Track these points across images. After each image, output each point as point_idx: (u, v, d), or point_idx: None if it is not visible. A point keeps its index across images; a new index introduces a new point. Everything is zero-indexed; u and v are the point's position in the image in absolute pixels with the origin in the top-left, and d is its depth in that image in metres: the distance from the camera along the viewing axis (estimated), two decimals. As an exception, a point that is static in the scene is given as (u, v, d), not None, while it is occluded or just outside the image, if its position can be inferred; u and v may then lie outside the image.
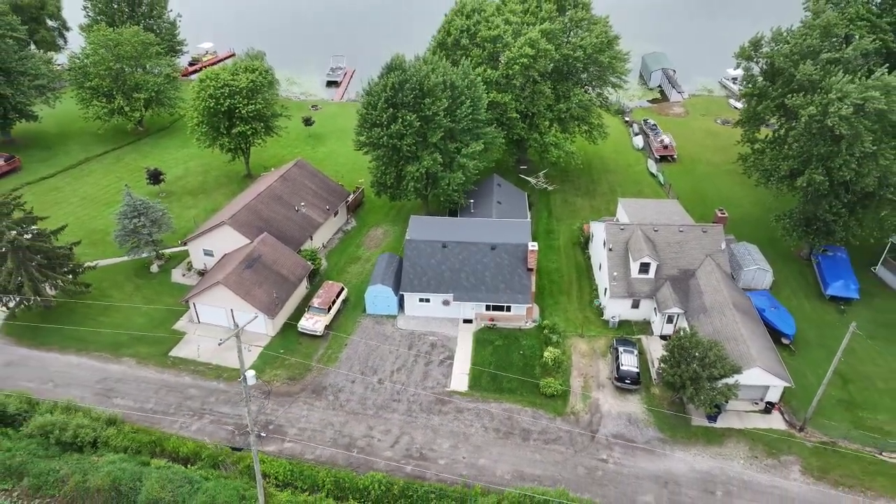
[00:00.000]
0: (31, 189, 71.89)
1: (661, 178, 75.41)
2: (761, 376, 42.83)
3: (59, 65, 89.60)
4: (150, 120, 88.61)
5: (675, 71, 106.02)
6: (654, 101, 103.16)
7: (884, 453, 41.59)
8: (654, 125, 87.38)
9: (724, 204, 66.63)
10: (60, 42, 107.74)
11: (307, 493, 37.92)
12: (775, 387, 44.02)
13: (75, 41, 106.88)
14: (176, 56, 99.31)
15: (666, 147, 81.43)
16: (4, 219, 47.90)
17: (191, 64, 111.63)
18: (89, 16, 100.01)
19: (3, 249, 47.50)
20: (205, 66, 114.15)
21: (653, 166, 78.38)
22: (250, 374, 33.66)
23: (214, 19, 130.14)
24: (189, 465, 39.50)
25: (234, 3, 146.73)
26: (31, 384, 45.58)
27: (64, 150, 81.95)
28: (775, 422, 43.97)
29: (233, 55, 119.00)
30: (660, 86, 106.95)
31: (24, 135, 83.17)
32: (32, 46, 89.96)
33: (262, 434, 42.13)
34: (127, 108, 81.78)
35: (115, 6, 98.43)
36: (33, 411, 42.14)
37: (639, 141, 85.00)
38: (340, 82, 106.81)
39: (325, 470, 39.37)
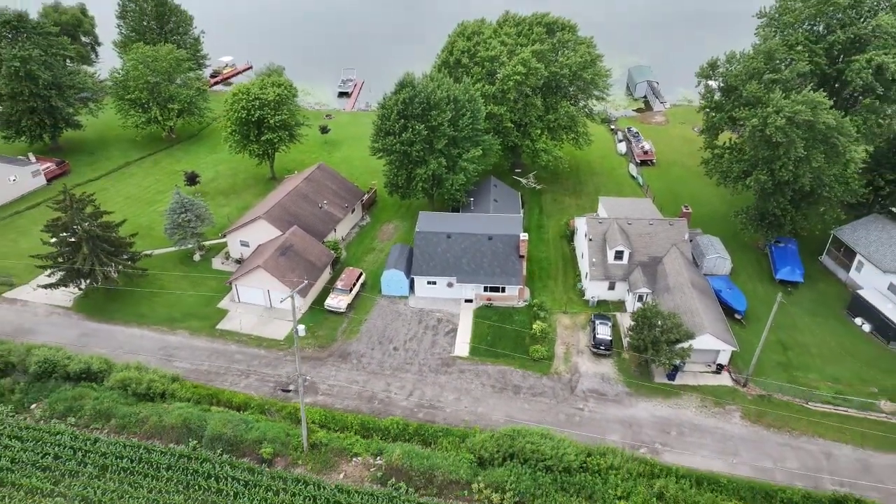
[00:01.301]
0: (80, 190, 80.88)
1: (641, 180, 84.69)
2: (712, 342, 51.84)
3: (100, 78, 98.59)
4: (180, 128, 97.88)
5: (658, 83, 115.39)
6: (638, 110, 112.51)
7: (809, 403, 50.62)
8: (637, 133, 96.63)
9: (693, 202, 75.84)
10: (92, 56, 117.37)
11: (339, 432, 46.88)
12: (724, 351, 53.05)
13: (106, 55, 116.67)
14: (200, 69, 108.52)
15: (646, 153, 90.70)
16: (81, 213, 57.05)
17: (212, 76, 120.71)
18: (122, 33, 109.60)
19: (80, 238, 56.61)
20: (225, 78, 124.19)
21: (633, 169, 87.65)
22: (301, 327, 42.43)
23: (233, 34, 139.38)
24: (241, 412, 48.47)
25: (250, 19, 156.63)
26: (104, 350, 54.56)
27: (105, 156, 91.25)
28: (724, 380, 52.99)
29: (250, 68, 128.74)
30: (644, 96, 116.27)
31: (69, 141, 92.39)
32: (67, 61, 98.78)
33: (308, 378, 51.11)
34: (161, 118, 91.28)
35: (146, 24, 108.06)
36: (111, 370, 51.09)
37: (622, 147, 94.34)
38: (351, 93, 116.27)
39: (352, 415, 48.41)
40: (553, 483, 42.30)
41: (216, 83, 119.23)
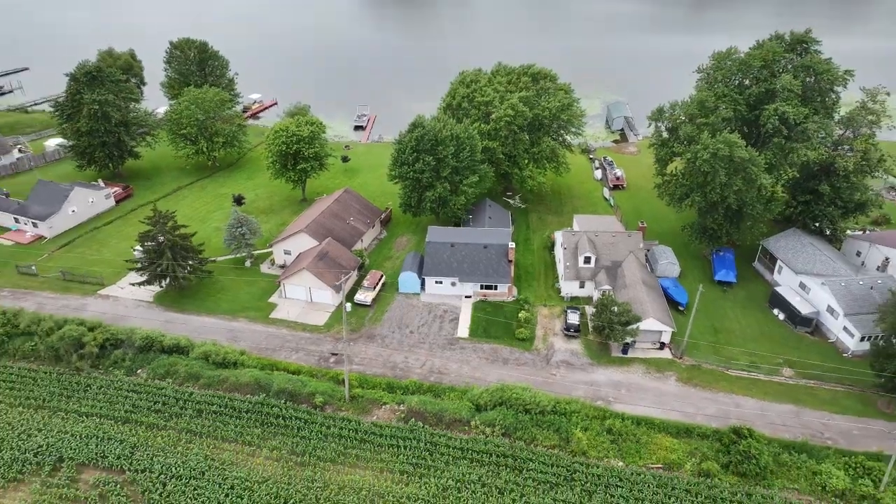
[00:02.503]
0: (145, 210, 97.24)
1: (612, 202, 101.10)
2: (655, 324, 67.50)
3: (156, 116, 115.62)
4: (222, 157, 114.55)
5: (632, 117, 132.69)
6: (615, 141, 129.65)
7: (729, 370, 66.16)
8: (611, 161, 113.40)
9: (653, 219, 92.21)
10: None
11: (371, 389, 62.28)
12: (665, 332, 68.68)
13: (149, 94, 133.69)
14: (234, 105, 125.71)
15: (618, 178, 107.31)
16: (165, 226, 73.12)
17: (243, 111, 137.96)
18: (168, 76, 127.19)
19: (164, 245, 72.59)
20: (254, 113, 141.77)
21: (607, 193, 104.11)
22: (347, 305, 58.04)
23: (260, 74, 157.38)
24: (296, 375, 63.86)
25: (274, 60, 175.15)
26: (183, 333, 70.07)
27: (160, 181, 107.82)
28: (665, 354, 68.52)
29: (275, 103, 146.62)
30: (621, 129, 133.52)
31: (129, 169, 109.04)
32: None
33: (351, 342, 66.50)
34: (207, 149, 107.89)
35: (189, 68, 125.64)
36: (193, 346, 66.55)
37: (598, 174, 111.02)
38: (366, 127, 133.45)
39: (380, 378, 63.82)
40: (530, 421, 57.65)
41: (247, 117, 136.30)
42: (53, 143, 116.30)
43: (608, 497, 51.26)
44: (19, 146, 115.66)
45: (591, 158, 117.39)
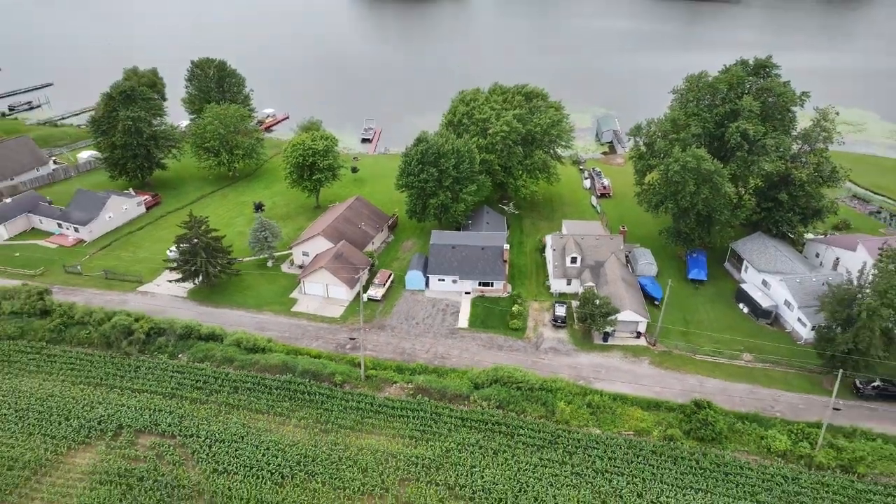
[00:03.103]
0: (172, 216, 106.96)
1: (599, 209, 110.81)
2: (631, 315, 76.90)
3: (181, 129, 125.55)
4: (241, 168, 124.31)
5: (620, 130, 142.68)
6: (604, 153, 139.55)
7: (696, 355, 75.54)
8: (599, 172, 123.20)
9: (636, 225, 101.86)
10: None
11: (383, 370, 71.62)
12: (641, 322, 78.09)
13: (171, 110, 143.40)
14: (252, 120, 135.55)
15: (605, 188, 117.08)
16: (199, 229, 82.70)
17: (258, 124, 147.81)
18: (189, 92, 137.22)
19: (198, 246, 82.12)
20: (268, 127, 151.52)
21: (594, 200, 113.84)
22: (365, 296, 67.40)
23: (272, 89, 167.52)
24: (318, 359, 73.17)
25: (284, 77, 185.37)
26: (216, 323, 79.36)
27: (185, 190, 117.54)
28: (641, 342, 77.94)
29: (287, 117, 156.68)
30: (610, 141, 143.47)
31: (156, 179, 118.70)
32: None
33: (367, 328, 75.82)
34: (228, 161, 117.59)
35: (209, 86, 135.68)
36: (226, 335, 75.90)
37: (587, 183, 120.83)
38: (372, 139, 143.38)
39: (390, 361, 73.15)
40: (521, 396, 66.94)
41: (262, 130, 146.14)
42: (86, 154, 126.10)
43: (586, 457, 60.55)
44: (54, 157, 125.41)
45: (580, 169, 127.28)
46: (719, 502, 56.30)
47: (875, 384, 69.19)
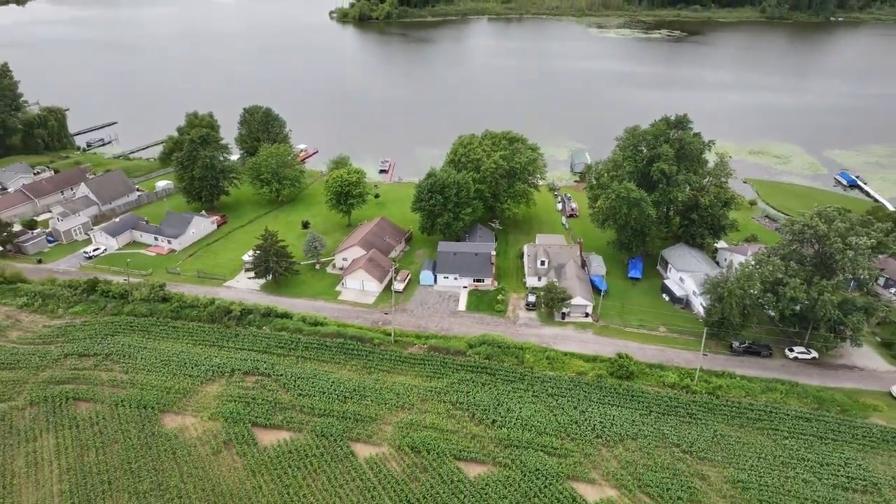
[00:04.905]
0: (237, 232, 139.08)
1: (567, 226, 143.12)
2: (581, 300, 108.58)
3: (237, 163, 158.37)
4: (286, 194, 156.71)
5: (590, 162, 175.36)
6: (576, 181, 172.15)
7: (626, 328, 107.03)
8: (570, 197, 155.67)
9: (592, 238, 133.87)
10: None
11: (406, 338, 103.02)
12: (588, 306, 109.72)
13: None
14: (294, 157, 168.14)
15: (573, 209, 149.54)
16: (272, 239, 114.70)
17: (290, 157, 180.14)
18: (241, 133, 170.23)
19: (269, 252, 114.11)
20: (303, 159, 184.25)
21: (564, 220, 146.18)
22: (394, 287, 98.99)
23: (299, 126, 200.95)
24: (360, 329, 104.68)
25: (308, 114, 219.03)
26: (285, 307, 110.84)
27: (243, 212, 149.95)
28: (588, 320, 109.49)
29: (316, 152, 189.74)
30: (582, 171, 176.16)
31: (220, 203, 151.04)
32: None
33: (394, 310, 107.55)
34: (277, 189, 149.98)
35: (256, 127, 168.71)
36: (293, 314, 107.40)
37: (560, 206, 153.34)
38: (388, 171, 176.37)
39: (411, 332, 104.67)
40: (501, 352, 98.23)
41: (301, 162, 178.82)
42: (162, 184, 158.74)
43: (542, 387, 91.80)
44: (137, 186, 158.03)
45: (555, 194, 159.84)
46: (626, 413, 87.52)
47: (743, 344, 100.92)
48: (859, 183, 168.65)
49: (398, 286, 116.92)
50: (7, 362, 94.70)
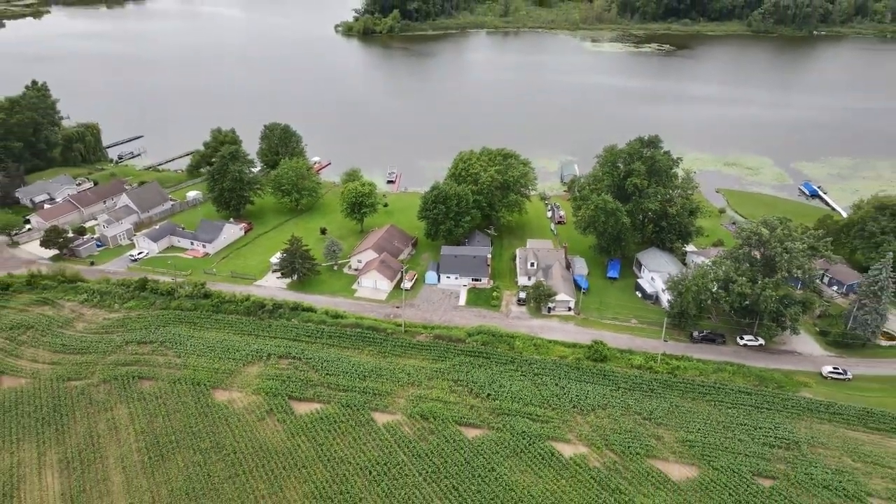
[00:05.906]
0: (262, 237, 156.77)
1: (555, 232, 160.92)
2: (564, 297, 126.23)
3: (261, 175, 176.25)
4: (304, 203, 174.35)
5: (577, 174, 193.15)
6: (565, 191, 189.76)
7: (603, 320, 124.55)
8: (558, 205, 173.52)
9: (576, 242, 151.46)
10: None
11: (415, 329, 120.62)
12: (571, 301, 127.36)
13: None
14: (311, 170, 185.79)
15: (561, 217, 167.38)
16: (297, 245, 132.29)
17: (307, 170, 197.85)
18: (262, 148, 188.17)
19: (295, 255, 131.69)
20: (317, 171, 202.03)
21: (553, 227, 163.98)
22: (402, 285, 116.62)
23: (316, 142, 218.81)
24: (375, 320, 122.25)
25: (324, 130, 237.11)
26: (312, 303, 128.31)
27: (266, 219, 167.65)
28: (571, 313, 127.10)
29: (329, 164, 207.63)
30: (571, 181, 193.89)
31: (245, 212, 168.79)
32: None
33: (403, 306, 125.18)
34: (296, 199, 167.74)
35: (276, 143, 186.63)
36: (317, 308, 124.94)
37: (549, 214, 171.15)
38: (395, 182, 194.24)
39: (419, 323, 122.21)
40: (496, 340, 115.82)
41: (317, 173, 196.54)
42: (192, 194, 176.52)
43: (529, 368, 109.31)
44: (169, 196, 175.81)
45: (546, 203, 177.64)
46: (599, 389, 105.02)
47: (702, 333, 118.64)
48: (820, 193, 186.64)
49: (406, 285, 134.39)
50: (79, 348, 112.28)
